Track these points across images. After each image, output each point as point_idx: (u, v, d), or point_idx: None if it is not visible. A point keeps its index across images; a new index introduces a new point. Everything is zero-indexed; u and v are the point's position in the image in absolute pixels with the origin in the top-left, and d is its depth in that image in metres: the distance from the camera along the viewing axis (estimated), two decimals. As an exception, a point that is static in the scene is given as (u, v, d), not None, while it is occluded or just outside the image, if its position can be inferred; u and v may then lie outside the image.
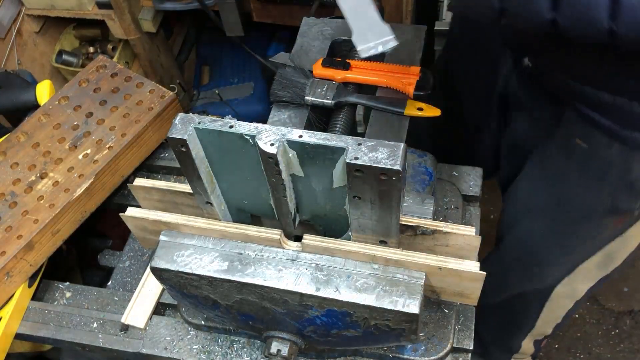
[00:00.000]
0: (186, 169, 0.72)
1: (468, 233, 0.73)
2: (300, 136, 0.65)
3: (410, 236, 0.76)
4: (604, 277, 1.28)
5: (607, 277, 1.28)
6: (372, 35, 0.60)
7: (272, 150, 0.64)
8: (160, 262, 0.75)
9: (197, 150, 0.69)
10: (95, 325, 0.95)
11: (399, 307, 0.69)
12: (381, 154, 0.61)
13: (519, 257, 1.27)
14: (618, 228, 1.11)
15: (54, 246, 0.98)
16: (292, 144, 0.65)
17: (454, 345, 0.84)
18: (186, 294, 0.79)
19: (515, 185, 1.20)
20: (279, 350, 0.80)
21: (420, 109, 0.93)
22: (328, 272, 0.72)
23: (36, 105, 1.13)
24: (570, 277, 1.27)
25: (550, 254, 1.21)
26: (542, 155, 1.09)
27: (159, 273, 0.77)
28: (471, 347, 0.85)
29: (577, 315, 2.06)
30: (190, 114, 0.68)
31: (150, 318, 0.93)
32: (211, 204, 0.77)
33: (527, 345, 1.60)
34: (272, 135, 0.65)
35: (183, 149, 0.68)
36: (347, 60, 0.97)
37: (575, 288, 1.32)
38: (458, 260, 0.73)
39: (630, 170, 0.95)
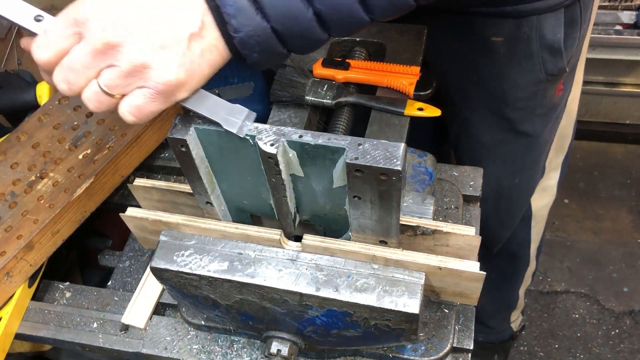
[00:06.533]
0: (186, 169, 0.72)
1: (468, 233, 0.73)
2: (300, 136, 0.65)
3: (410, 236, 0.76)
4: (564, 160, 1.39)
5: (566, 158, 1.39)
6: (235, 116, 0.67)
7: (272, 150, 0.64)
8: (160, 262, 0.75)
9: (197, 150, 0.69)
10: (95, 325, 0.95)
11: (399, 307, 0.69)
12: (381, 154, 0.61)
13: (493, 191, 1.32)
14: (563, 97, 1.22)
15: (54, 246, 0.98)
16: (292, 144, 0.65)
17: (454, 345, 0.84)
18: (186, 294, 0.79)
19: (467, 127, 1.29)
20: (279, 350, 0.80)
21: (420, 109, 0.93)
22: (328, 272, 0.72)
23: (36, 105, 1.13)
24: (542, 178, 1.38)
25: (515, 159, 1.30)
26: (477, 76, 1.17)
27: (159, 273, 0.77)
28: (471, 347, 0.85)
29: (577, 316, 2.07)
30: (191, 114, 0.68)
31: (150, 318, 0.93)
32: (211, 204, 0.77)
33: (522, 295, 1.72)
34: (272, 135, 0.65)
35: (183, 149, 0.68)
36: (347, 60, 0.97)
37: (547, 186, 1.41)
38: (458, 260, 0.73)
39: (544, 35, 1.07)
